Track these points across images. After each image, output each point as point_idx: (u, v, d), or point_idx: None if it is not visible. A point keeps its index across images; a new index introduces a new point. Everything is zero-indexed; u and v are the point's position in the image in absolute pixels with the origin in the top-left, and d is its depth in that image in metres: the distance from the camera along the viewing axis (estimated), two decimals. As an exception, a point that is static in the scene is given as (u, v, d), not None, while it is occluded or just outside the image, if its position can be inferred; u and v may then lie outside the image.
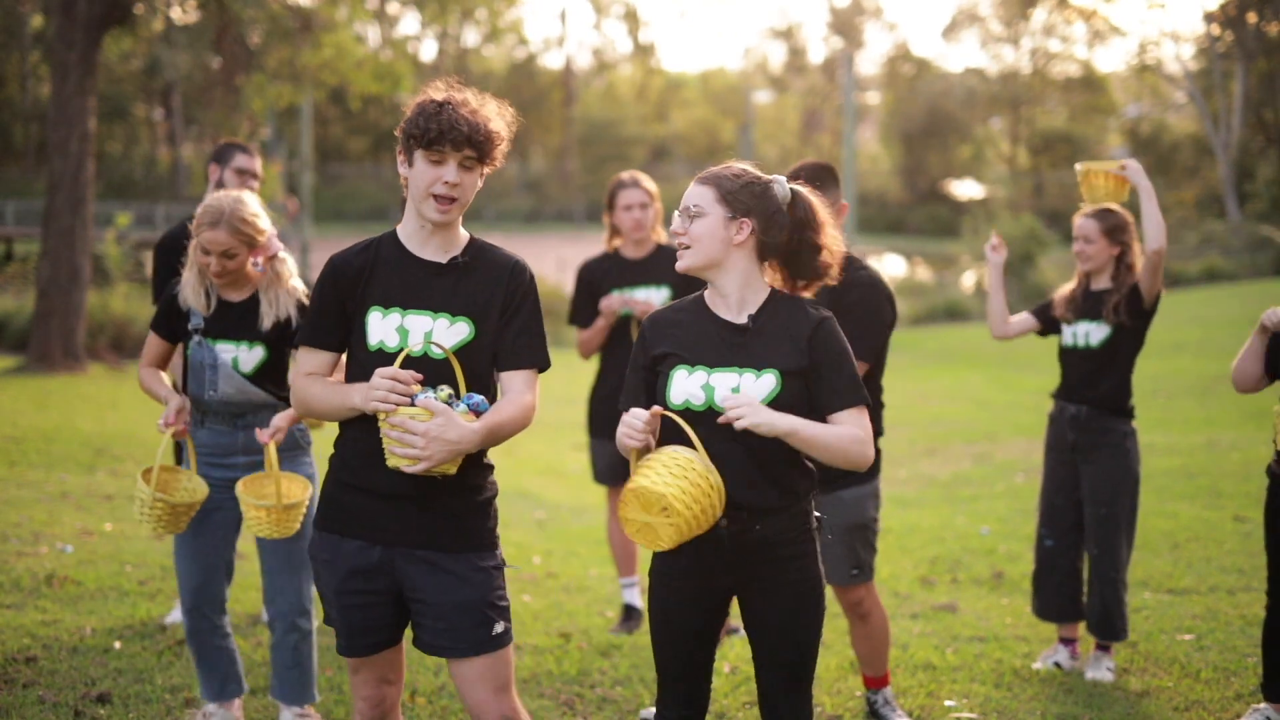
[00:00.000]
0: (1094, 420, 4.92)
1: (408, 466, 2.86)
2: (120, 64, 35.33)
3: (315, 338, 3.07)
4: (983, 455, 10.73)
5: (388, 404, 2.85)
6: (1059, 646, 5.08)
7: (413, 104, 3.02)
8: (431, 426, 2.84)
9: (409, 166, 2.99)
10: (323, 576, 3.07)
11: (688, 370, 3.02)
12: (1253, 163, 42.35)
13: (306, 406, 3.07)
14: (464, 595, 3.01)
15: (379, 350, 2.99)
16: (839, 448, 2.96)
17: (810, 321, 3.05)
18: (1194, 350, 16.21)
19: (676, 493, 2.83)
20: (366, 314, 3.01)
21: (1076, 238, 5.02)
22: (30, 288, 18.22)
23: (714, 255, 3.04)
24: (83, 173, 14.56)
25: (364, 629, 3.07)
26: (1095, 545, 4.91)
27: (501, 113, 3.04)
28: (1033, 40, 58.90)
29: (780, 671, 3.13)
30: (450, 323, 3.01)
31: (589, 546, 7.55)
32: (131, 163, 45.67)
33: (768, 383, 2.99)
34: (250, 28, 18.97)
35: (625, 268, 5.56)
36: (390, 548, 3.01)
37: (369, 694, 3.15)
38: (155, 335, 4.11)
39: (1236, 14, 43.16)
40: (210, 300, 4.00)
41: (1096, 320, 4.95)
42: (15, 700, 4.30)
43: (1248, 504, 7.89)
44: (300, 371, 3.08)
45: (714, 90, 71.34)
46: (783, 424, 2.87)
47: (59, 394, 12.54)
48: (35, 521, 7.00)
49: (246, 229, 3.90)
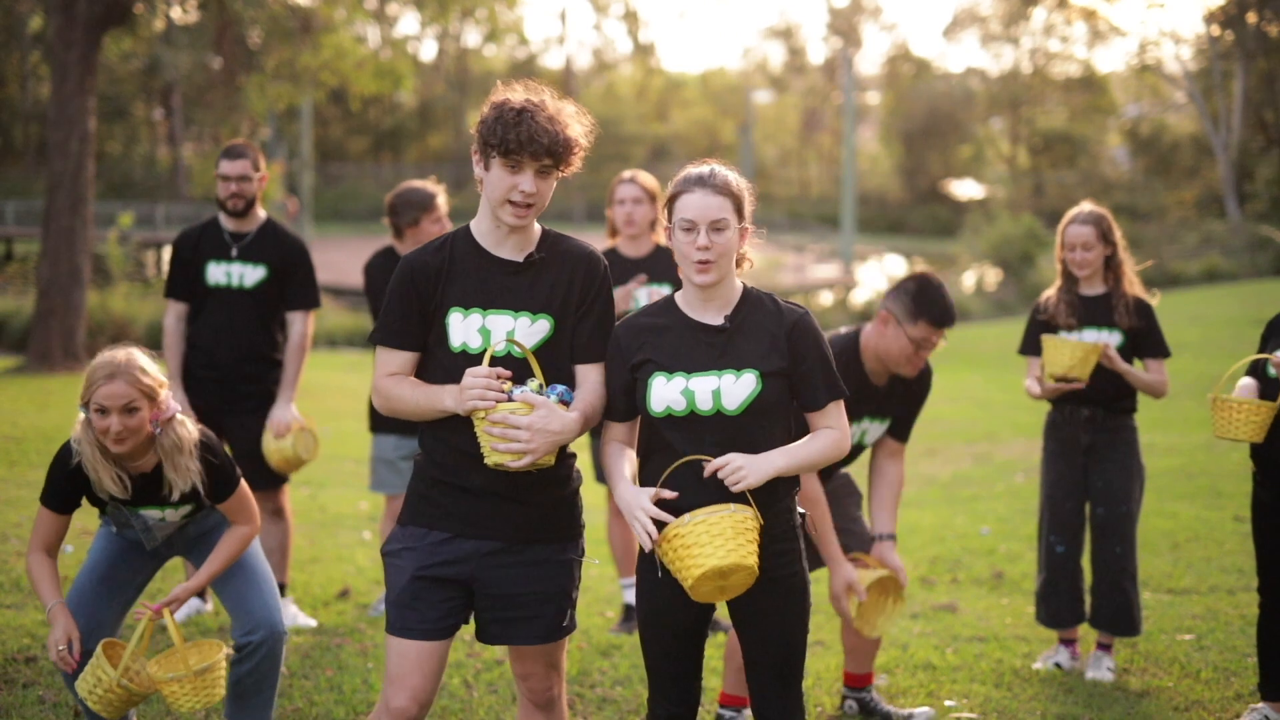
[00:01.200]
0: (1109, 420, 4.94)
1: (512, 463, 2.89)
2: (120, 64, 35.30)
3: (397, 339, 3.06)
4: (983, 455, 10.73)
5: (486, 402, 2.87)
6: (1060, 647, 5.08)
7: (490, 104, 3.01)
8: (535, 419, 2.88)
9: (485, 170, 3.01)
10: (399, 565, 3.06)
11: (666, 377, 3.04)
12: (1253, 163, 42.32)
13: (393, 406, 3.07)
14: (547, 587, 3.10)
15: (463, 351, 3.03)
16: (822, 458, 3.06)
17: (788, 319, 3.08)
18: (1194, 350, 16.18)
19: (745, 554, 2.91)
20: (447, 315, 3.03)
21: (1071, 246, 4.93)
22: (30, 288, 18.23)
23: (729, 266, 3.07)
24: (83, 173, 14.55)
25: (433, 617, 3.05)
26: (1118, 544, 4.91)
27: (580, 118, 3.06)
28: (1033, 40, 58.88)
29: (770, 669, 3.15)
30: (531, 321, 3.05)
31: (589, 546, 7.53)
32: (131, 163, 45.64)
33: (748, 383, 3.01)
34: (250, 28, 18.97)
35: (625, 266, 5.56)
36: (480, 541, 3.05)
37: (402, 706, 3.05)
38: (50, 512, 3.67)
39: (1236, 14, 43.14)
40: (127, 484, 3.66)
41: (1108, 328, 4.91)
42: (15, 700, 4.30)
43: (1247, 504, 7.85)
44: (383, 372, 3.07)
45: (714, 90, 71.28)
46: (774, 466, 2.96)
47: (59, 394, 12.53)
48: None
49: (147, 380, 3.58)
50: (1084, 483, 4.99)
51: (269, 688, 3.89)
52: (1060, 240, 4.99)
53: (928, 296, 4.04)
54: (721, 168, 3.11)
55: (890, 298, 4.13)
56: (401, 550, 3.09)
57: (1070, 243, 4.94)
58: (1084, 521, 5.02)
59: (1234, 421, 4.21)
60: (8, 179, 43.80)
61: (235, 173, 5.34)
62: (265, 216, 5.47)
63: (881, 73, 68.77)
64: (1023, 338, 5.10)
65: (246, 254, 5.37)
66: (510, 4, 22.46)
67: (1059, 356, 4.74)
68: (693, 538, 2.91)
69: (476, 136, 3.02)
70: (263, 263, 5.39)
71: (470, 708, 4.49)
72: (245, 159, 5.36)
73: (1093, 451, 4.96)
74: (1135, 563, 4.96)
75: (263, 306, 5.40)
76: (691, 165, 3.14)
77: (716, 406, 3.01)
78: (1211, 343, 17.64)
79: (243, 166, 5.34)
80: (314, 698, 4.51)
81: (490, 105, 3.01)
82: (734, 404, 3.01)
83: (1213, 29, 44.50)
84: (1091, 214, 4.93)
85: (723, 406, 3.01)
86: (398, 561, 3.09)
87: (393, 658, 3.08)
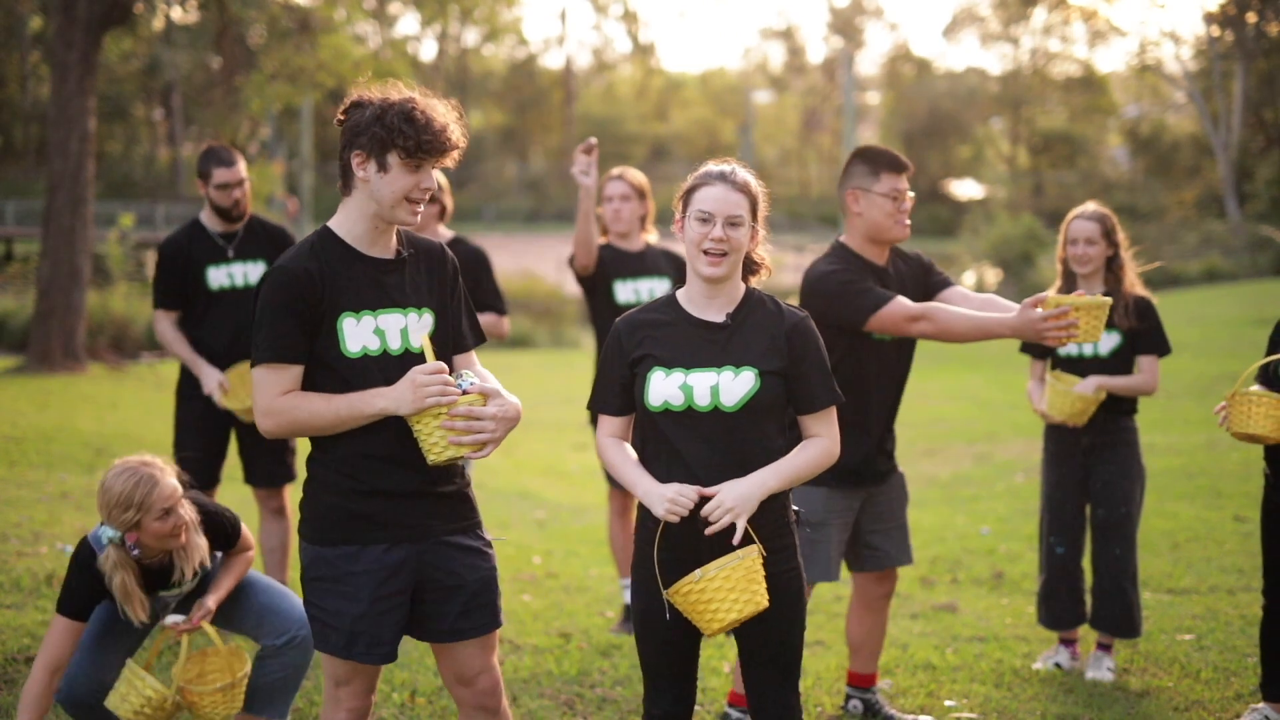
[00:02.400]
0: (1108, 422, 4.92)
1: (474, 453, 2.88)
2: (120, 64, 35.29)
3: (290, 353, 2.93)
4: (983, 455, 10.73)
5: (448, 398, 2.86)
6: (1060, 647, 5.07)
7: (364, 103, 2.95)
8: (496, 410, 2.90)
9: (380, 171, 2.94)
10: (340, 591, 2.96)
11: (665, 372, 3.05)
12: (1253, 163, 42.32)
13: (298, 425, 2.94)
14: (486, 570, 3.09)
15: (364, 355, 2.97)
16: (812, 469, 3.08)
17: (789, 320, 3.10)
18: (1194, 350, 16.18)
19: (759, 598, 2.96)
20: (339, 321, 2.96)
21: (1074, 240, 4.92)
22: (30, 288, 18.20)
23: (738, 262, 3.10)
24: (83, 173, 14.55)
25: (398, 632, 3.04)
26: (1118, 545, 4.89)
27: (455, 115, 3.04)
28: (1033, 40, 58.89)
29: (766, 667, 3.14)
30: (419, 316, 3.04)
31: (589, 546, 7.55)
32: (131, 163, 45.60)
33: (746, 380, 3.02)
34: (250, 28, 18.97)
35: (624, 259, 5.59)
36: (417, 543, 3.01)
37: (356, 705, 3.10)
38: (66, 621, 3.59)
39: (1236, 14, 43.14)
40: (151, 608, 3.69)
41: (1105, 329, 4.78)
42: (15, 700, 4.30)
43: (1248, 504, 7.89)
44: (275, 392, 2.92)
45: (714, 90, 71.29)
46: (765, 489, 2.99)
47: (59, 394, 12.53)
48: (35, 521, 7.00)
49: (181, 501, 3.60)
50: (1084, 484, 4.98)
51: (301, 678, 3.97)
52: (1063, 236, 4.97)
53: (873, 153, 4.19)
54: (742, 169, 3.15)
55: (845, 181, 4.21)
56: (339, 578, 2.97)
57: (1073, 237, 4.91)
58: (1084, 523, 5.01)
59: (1253, 416, 4.10)
60: (8, 179, 43.78)
61: (234, 179, 5.31)
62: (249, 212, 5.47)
63: (881, 73, 68.78)
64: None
65: (243, 252, 5.35)
66: (509, 3, 22.47)
67: (1061, 404, 4.82)
68: (707, 594, 2.93)
69: (361, 137, 2.93)
70: (261, 258, 5.39)
71: (470, 708, 4.49)
72: (237, 164, 5.34)
73: (1092, 453, 4.95)
74: (1136, 564, 4.95)
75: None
76: (712, 163, 3.17)
77: (714, 403, 3.02)
78: (1211, 343, 17.63)
79: (239, 171, 5.34)
80: (314, 698, 4.51)
81: (365, 104, 2.94)
82: (732, 401, 3.02)
83: (1213, 29, 44.49)
84: (1096, 212, 4.94)
85: (720, 403, 3.02)
86: (338, 587, 2.96)
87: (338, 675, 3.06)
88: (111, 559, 3.58)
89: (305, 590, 3.06)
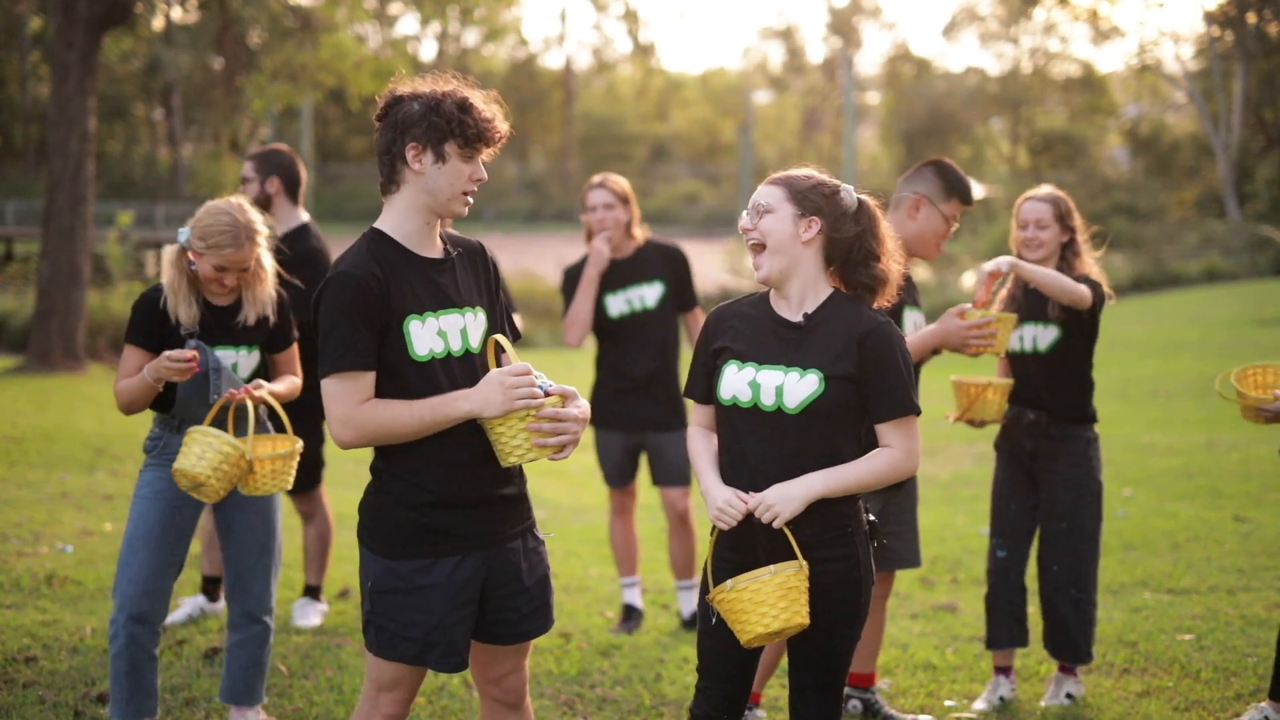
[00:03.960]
0: (1053, 428, 4.55)
1: (555, 455, 2.88)
2: (120, 64, 35.28)
3: (364, 360, 2.85)
4: (983, 455, 10.72)
5: (536, 399, 2.83)
6: (998, 679, 4.65)
7: (413, 97, 2.92)
8: (576, 410, 2.89)
9: (438, 163, 2.90)
10: (414, 604, 2.92)
11: (738, 365, 3.05)
12: (1253, 163, 42.28)
13: (381, 433, 2.85)
14: (543, 570, 3.10)
15: (431, 358, 2.92)
16: (875, 479, 3.01)
17: (864, 325, 3.03)
18: (1194, 350, 16.19)
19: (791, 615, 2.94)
20: (405, 325, 2.90)
21: (1025, 223, 4.54)
22: (30, 288, 18.21)
23: (786, 253, 3.05)
24: (83, 173, 14.55)
25: (467, 641, 3.02)
26: (1055, 561, 4.53)
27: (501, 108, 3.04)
28: (1033, 40, 58.87)
29: (810, 673, 3.12)
30: (475, 315, 3.02)
31: (589, 546, 7.55)
32: (131, 163, 45.57)
33: (810, 383, 2.99)
34: (251, 27, 18.96)
35: (611, 269, 5.53)
36: (485, 551, 2.98)
37: (394, 712, 3.05)
38: (137, 349, 3.86)
39: (1236, 14, 43.13)
40: (199, 310, 3.89)
41: (1042, 322, 4.55)
42: (15, 700, 4.30)
43: (1248, 504, 7.89)
44: (354, 401, 2.84)
45: (714, 90, 71.28)
46: (813, 491, 2.95)
47: (59, 394, 12.53)
48: (35, 521, 7.00)
49: (261, 241, 3.88)
50: (1031, 488, 4.62)
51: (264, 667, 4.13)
52: (1015, 218, 4.61)
53: (955, 175, 4.27)
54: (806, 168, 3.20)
55: (916, 183, 4.24)
56: (412, 591, 2.92)
57: (1024, 220, 4.56)
58: (1032, 528, 4.64)
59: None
60: (8, 179, 43.75)
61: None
62: None
63: (881, 73, 68.76)
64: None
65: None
66: (509, 3, 22.45)
67: (960, 399, 4.54)
68: (739, 604, 2.92)
69: (416, 129, 2.88)
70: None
71: (470, 708, 4.49)
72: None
73: (1038, 459, 4.58)
74: (1082, 585, 4.52)
75: None
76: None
77: (778, 403, 2.99)
78: (1211, 343, 17.63)
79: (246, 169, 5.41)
80: (314, 698, 4.51)
81: (414, 97, 2.91)
82: (794, 402, 2.98)
83: (1213, 29, 44.48)
84: (1050, 194, 4.57)
85: (784, 404, 2.99)
86: (412, 600, 2.92)
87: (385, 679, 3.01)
88: (170, 255, 3.84)
89: (372, 601, 2.97)
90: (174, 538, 3.91)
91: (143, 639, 3.84)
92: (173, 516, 3.90)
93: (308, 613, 5.50)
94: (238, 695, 4.10)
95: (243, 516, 4.03)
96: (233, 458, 3.66)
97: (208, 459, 3.65)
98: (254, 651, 4.08)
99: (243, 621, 4.07)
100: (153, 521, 3.87)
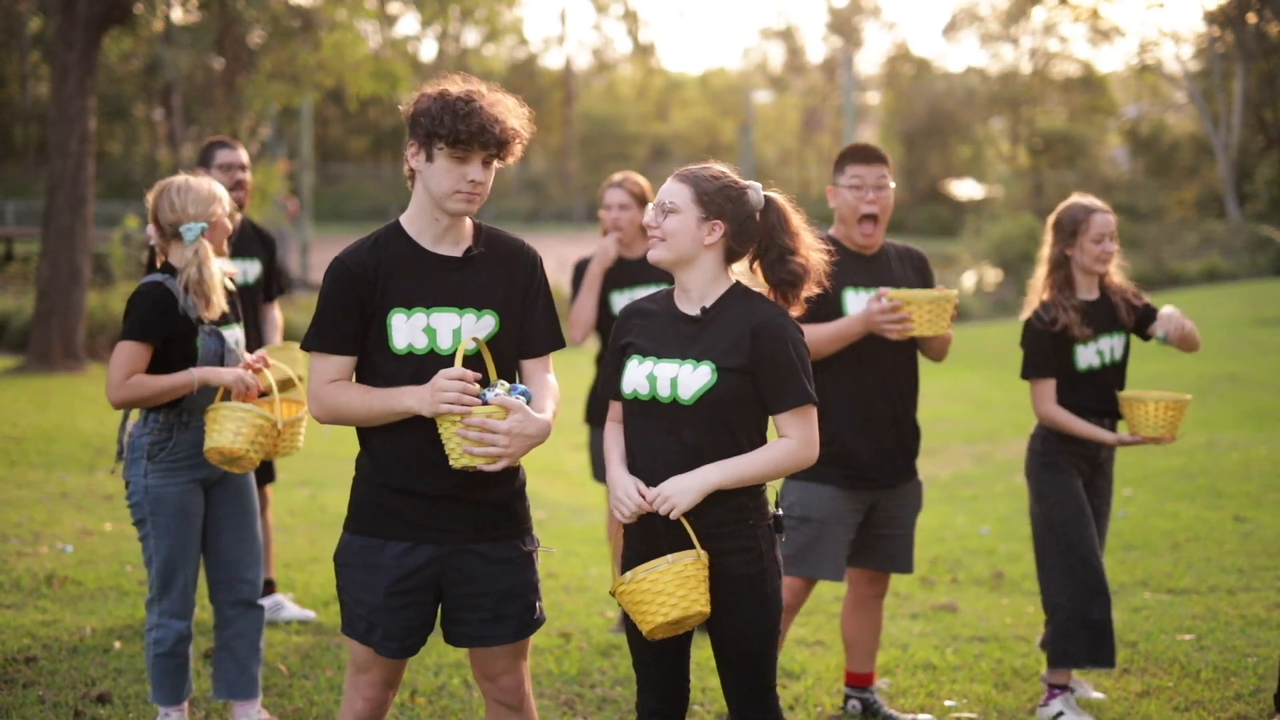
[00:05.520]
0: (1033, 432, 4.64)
1: (486, 465, 2.87)
2: (120, 64, 35.24)
3: (336, 343, 2.99)
4: (983, 455, 10.73)
5: (462, 407, 2.84)
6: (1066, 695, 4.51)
7: (425, 95, 2.97)
8: (512, 424, 2.87)
9: (428, 161, 2.95)
10: (362, 580, 3.03)
11: (639, 360, 3.08)
12: (1253, 163, 42.27)
13: (338, 414, 3.00)
14: (512, 581, 3.07)
15: (409, 353, 2.97)
16: (772, 470, 3.03)
17: (758, 318, 3.05)
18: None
19: (690, 603, 2.94)
20: (388, 317, 2.96)
21: (1100, 236, 4.43)
22: (30, 288, 18.19)
23: (684, 253, 3.07)
24: (83, 173, 14.54)
25: (414, 629, 3.06)
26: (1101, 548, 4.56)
27: (519, 110, 3.05)
28: (1033, 40, 58.88)
29: (733, 670, 3.12)
30: (477, 318, 3.02)
31: (589, 546, 7.55)
32: (131, 163, 45.54)
33: (703, 375, 3.02)
34: (251, 27, 18.95)
35: (621, 269, 5.55)
36: (440, 546, 3.01)
37: (373, 695, 3.13)
38: (143, 346, 3.80)
39: (1236, 14, 43.12)
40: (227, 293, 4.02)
41: (1116, 332, 4.56)
42: (15, 700, 4.30)
43: (1248, 504, 7.89)
44: (322, 380, 2.99)
45: (714, 90, 71.27)
46: (708, 483, 2.96)
47: (59, 394, 12.53)
48: (35, 521, 7.00)
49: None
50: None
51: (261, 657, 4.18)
52: (1084, 232, 4.45)
53: (845, 149, 4.46)
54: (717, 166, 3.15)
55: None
56: (359, 567, 3.03)
57: (1099, 233, 4.43)
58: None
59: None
60: (8, 179, 43.75)
61: (237, 161, 5.29)
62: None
63: (881, 73, 68.74)
64: (1031, 357, 4.51)
65: (238, 251, 5.33)
66: (510, 3, 22.45)
67: (1147, 419, 4.42)
68: (638, 595, 2.94)
69: (415, 128, 2.96)
70: (255, 257, 5.41)
71: (470, 708, 4.49)
72: (239, 149, 5.32)
73: (1099, 466, 4.65)
74: (1053, 589, 4.46)
75: (257, 299, 5.42)
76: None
77: (673, 395, 3.02)
78: (1211, 343, 17.60)
79: (240, 155, 5.32)
80: (314, 698, 4.51)
81: (425, 96, 2.97)
82: (688, 394, 3.01)
83: (1213, 29, 44.47)
84: (1104, 204, 4.56)
85: (678, 395, 3.02)
86: (361, 575, 3.03)
87: (358, 662, 3.12)
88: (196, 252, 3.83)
89: (336, 573, 3.12)
90: (199, 543, 4.03)
91: (189, 637, 4.02)
92: (196, 524, 3.99)
93: (284, 611, 5.49)
94: (242, 688, 4.12)
95: (227, 508, 4.07)
96: (265, 428, 3.80)
97: (244, 434, 3.77)
98: (254, 639, 4.12)
99: (237, 612, 4.09)
100: (187, 536, 3.95)
